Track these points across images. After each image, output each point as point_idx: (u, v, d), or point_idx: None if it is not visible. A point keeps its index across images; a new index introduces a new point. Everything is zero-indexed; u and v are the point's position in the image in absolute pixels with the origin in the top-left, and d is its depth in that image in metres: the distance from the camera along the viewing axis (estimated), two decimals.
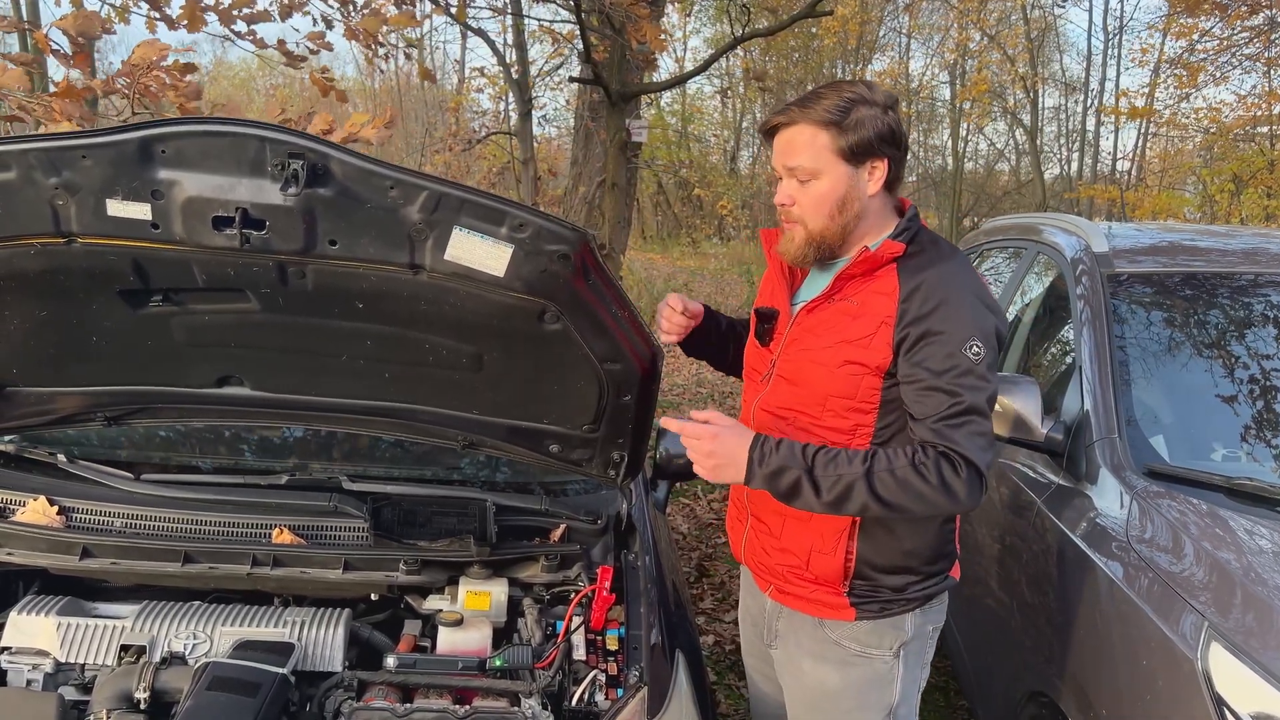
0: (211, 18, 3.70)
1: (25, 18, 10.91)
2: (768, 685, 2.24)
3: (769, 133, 1.83)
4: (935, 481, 1.64)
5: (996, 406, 2.51)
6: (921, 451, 1.67)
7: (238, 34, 3.69)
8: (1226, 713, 1.67)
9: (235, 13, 3.60)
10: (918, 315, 1.71)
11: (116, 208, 1.60)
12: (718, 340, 2.20)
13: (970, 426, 1.66)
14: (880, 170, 1.79)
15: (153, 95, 2.98)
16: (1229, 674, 1.69)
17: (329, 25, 5.13)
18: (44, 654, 1.90)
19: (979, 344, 1.68)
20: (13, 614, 1.94)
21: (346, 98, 4.48)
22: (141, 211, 1.60)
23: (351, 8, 4.77)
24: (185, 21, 3.53)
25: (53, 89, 3.11)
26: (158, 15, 3.55)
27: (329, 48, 4.47)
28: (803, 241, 1.82)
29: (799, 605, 1.96)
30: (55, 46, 3.07)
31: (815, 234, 1.81)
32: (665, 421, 1.82)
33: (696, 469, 1.77)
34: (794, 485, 1.68)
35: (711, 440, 1.72)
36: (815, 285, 1.92)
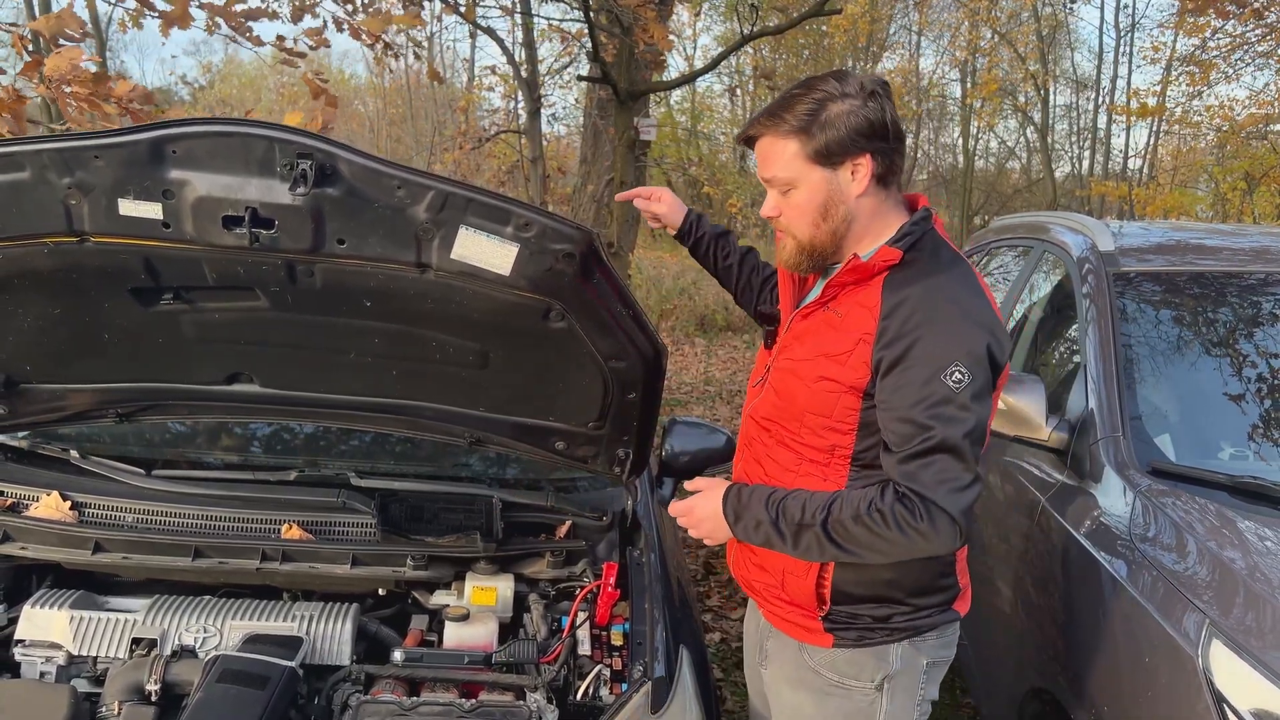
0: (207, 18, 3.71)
1: (36, 18, 10.99)
2: (760, 702, 2.14)
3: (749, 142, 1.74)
4: (894, 529, 1.53)
5: (1001, 405, 2.51)
6: (879, 496, 1.56)
7: (235, 29, 3.70)
8: (1226, 709, 1.68)
9: (233, 9, 3.61)
10: (896, 335, 1.57)
11: (128, 207, 1.61)
12: (716, 256, 2.22)
13: (938, 465, 1.52)
14: (864, 168, 1.63)
15: (92, 104, 2.97)
16: (1229, 671, 1.70)
17: (339, 28, 5.15)
18: (57, 647, 1.93)
19: (963, 369, 1.53)
20: (26, 607, 1.97)
21: (336, 103, 4.47)
22: (153, 211, 1.62)
23: (354, 6, 4.78)
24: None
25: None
26: (154, 14, 3.57)
27: (326, 44, 4.47)
28: (794, 250, 1.73)
29: (783, 626, 1.86)
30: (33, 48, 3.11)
31: (805, 243, 1.71)
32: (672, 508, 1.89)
33: (694, 536, 1.83)
34: (767, 540, 1.68)
35: (690, 514, 1.79)
36: (817, 290, 1.84)
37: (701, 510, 1.77)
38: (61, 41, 3.20)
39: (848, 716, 1.81)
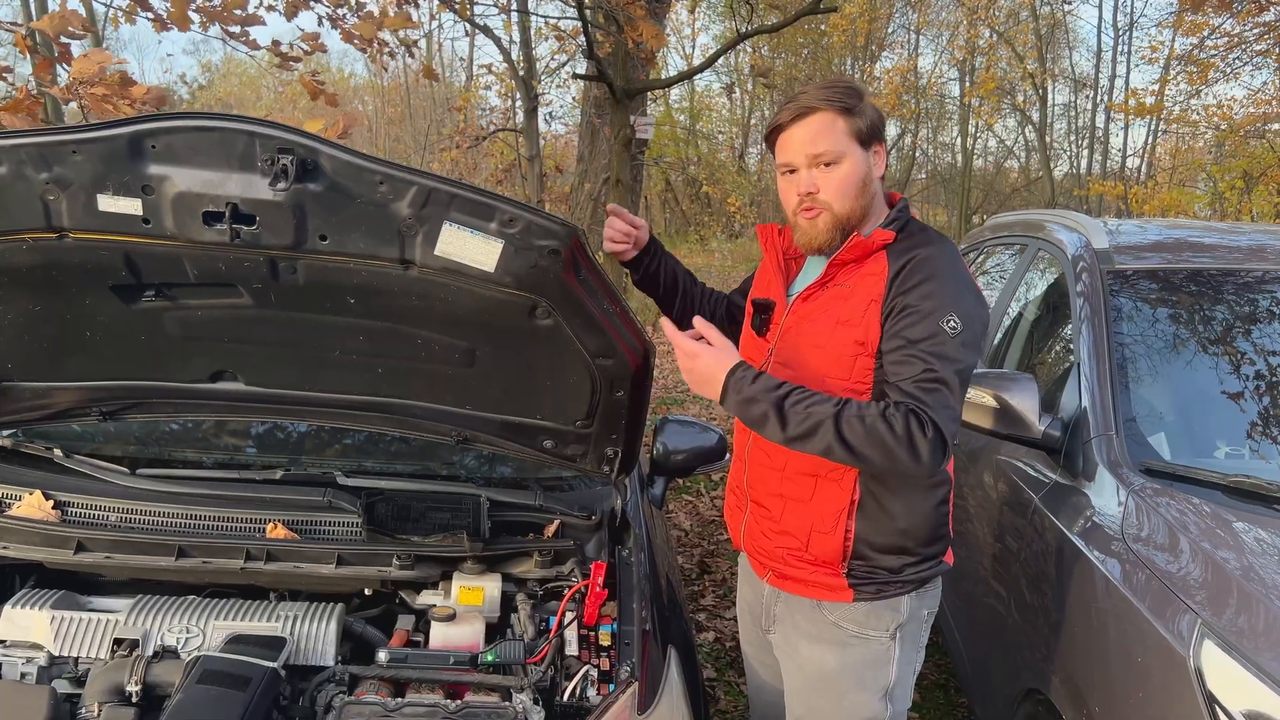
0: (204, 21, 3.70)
1: (34, 18, 10.97)
2: (766, 673, 2.26)
3: (776, 130, 1.90)
4: (901, 433, 1.66)
5: (994, 403, 2.51)
6: (892, 407, 1.71)
7: (232, 35, 3.69)
8: (1218, 710, 1.66)
9: (229, 14, 3.59)
10: (900, 291, 1.79)
11: (107, 203, 1.59)
12: (666, 281, 2.27)
13: (940, 395, 1.72)
14: (882, 155, 1.92)
15: (110, 108, 2.96)
16: (1221, 671, 1.68)
17: (334, 25, 5.13)
18: (38, 647, 1.91)
19: (955, 319, 1.75)
20: (7, 607, 1.95)
21: (337, 102, 4.46)
22: (132, 206, 1.60)
23: (348, 9, 4.76)
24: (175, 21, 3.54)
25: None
26: (150, 16, 3.55)
27: (323, 49, 4.47)
28: (829, 226, 1.88)
29: (797, 589, 2.00)
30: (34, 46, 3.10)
31: (842, 216, 1.87)
32: (663, 322, 2.00)
33: (684, 375, 1.88)
34: (762, 416, 1.74)
35: (692, 358, 1.83)
36: (811, 275, 1.99)
37: (703, 367, 1.81)
38: (64, 39, 3.19)
39: (867, 664, 1.98)
